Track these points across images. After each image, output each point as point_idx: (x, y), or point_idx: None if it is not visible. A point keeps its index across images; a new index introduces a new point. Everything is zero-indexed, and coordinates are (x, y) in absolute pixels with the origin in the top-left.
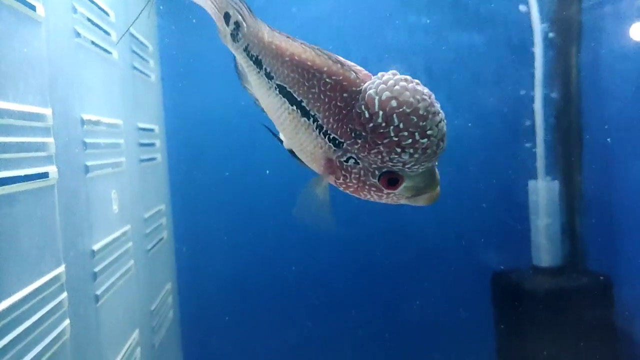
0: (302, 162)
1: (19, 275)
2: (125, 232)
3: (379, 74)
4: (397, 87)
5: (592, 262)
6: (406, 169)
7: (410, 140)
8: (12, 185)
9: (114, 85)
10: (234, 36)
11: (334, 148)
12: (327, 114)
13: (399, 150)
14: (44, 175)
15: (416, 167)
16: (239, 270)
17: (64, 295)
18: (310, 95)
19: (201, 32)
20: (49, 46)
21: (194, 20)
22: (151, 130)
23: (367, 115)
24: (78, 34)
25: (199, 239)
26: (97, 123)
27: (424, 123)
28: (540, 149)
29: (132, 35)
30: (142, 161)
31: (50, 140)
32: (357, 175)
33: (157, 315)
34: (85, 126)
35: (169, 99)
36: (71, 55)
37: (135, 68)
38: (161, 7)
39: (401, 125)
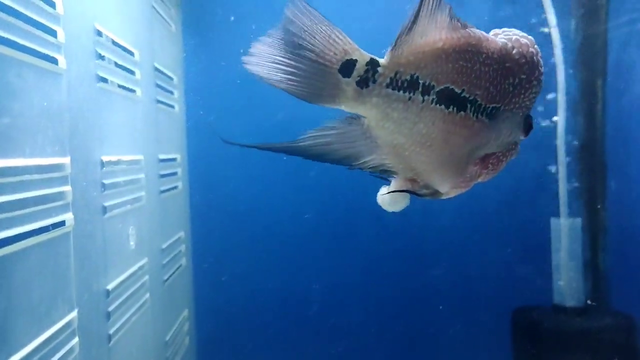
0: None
1: (30, 328)
2: (142, 266)
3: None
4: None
5: (617, 302)
6: (531, 106)
7: (539, 78)
8: (27, 240)
9: (137, 122)
10: (365, 81)
11: (488, 121)
12: (487, 84)
13: (540, 80)
14: (61, 224)
15: (532, 99)
16: (256, 295)
17: (76, 340)
18: (473, 76)
19: (227, 61)
20: (70, 95)
21: (219, 50)
22: (173, 159)
23: (523, 59)
24: (101, 79)
25: (217, 265)
26: (117, 163)
27: (535, 59)
28: (562, 185)
29: (157, 69)
30: (162, 192)
31: (67, 188)
32: (509, 132)
33: (172, 345)
34: (104, 168)
35: (192, 127)
36: (93, 100)
37: (159, 102)
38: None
39: (539, 55)
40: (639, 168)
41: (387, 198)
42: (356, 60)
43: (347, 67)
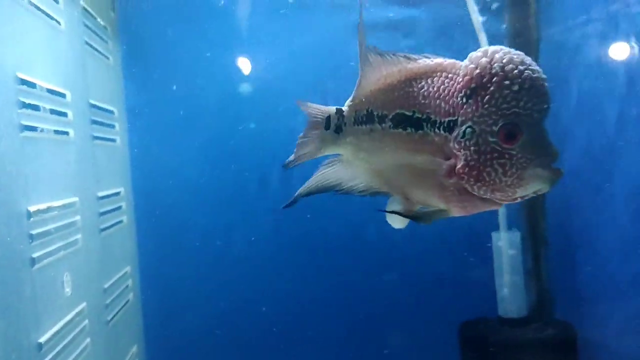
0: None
1: None
2: (81, 311)
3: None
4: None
5: (559, 312)
6: (522, 113)
7: (516, 72)
8: None
9: (70, 164)
10: (339, 126)
11: (448, 135)
12: (438, 102)
13: (507, 83)
14: None
15: (529, 105)
16: (208, 324)
17: None
18: (421, 98)
19: (169, 91)
20: None
21: (160, 79)
22: (116, 194)
23: (476, 68)
24: (26, 127)
25: (168, 296)
26: (46, 211)
27: (524, 61)
28: None
29: (94, 106)
30: (103, 230)
31: None
32: (476, 146)
33: None
34: (32, 218)
35: (137, 159)
36: (16, 151)
37: (96, 138)
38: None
39: (504, 60)
40: (576, 180)
41: (390, 216)
42: (329, 115)
43: (327, 122)
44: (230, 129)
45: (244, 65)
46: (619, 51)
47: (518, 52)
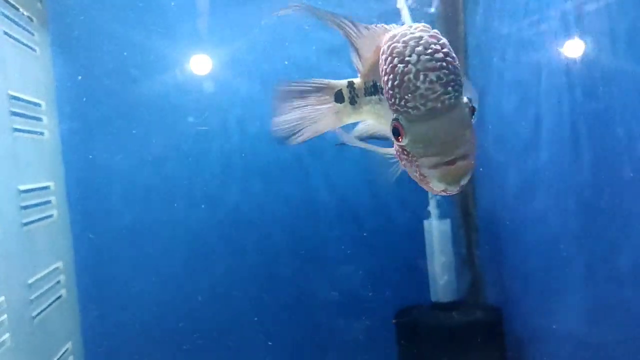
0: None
1: None
2: None
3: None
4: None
5: (490, 296)
6: (400, 110)
7: (390, 66)
8: None
9: None
10: (353, 98)
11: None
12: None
13: (385, 78)
14: None
15: (402, 103)
16: (147, 321)
17: None
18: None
19: (102, 83)
20: None
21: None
22: (44, 188)
23: (387, 51)
24: None
25: (106, 291)
26: None
27: (405, 49)
28: None
29: (14, 97)
30: (26, 224)
31: None
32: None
33: None
34: None
35: (70, 153)
36: None
37: (16, 130)
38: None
39: (388, 52)
40: (504, 168)
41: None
42: (341, 89)
43: (338, 96)
44: (168, 121)
45: (184, 55)
46: (549, 42)
47: (421, 34)
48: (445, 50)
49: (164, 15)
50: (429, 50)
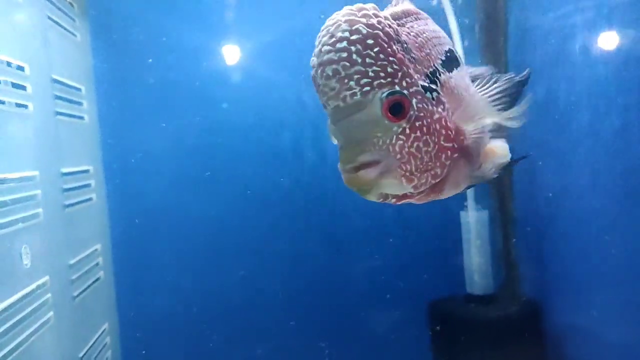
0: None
1: None
2: (42, 284)
3: None
4: None
5: (526, 289)
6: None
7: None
8: None
9: (28, 138)
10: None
11: None
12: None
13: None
14: None
15: (321, 97)
16: (182, 301)
17: None
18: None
19: (140, 70)
20: None
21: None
22: (85, 171)
23: None
24: None
25: (141, 274)
26: (2, 181)
27: (319, 37)
28: None
29: (56, 81)
30: (67, 206)
31: None
32: None
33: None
34: None
35: (108, 138)
36: None
37: (59, 114)
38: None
39: (320, 37)
40: (542, 160)
41: None
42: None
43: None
44: (203, 109)
45: (219, 44)
46: (593, 39)
47: (342, 17)
48: (354, 37)
49: (199, 4)
50: (332, 40)
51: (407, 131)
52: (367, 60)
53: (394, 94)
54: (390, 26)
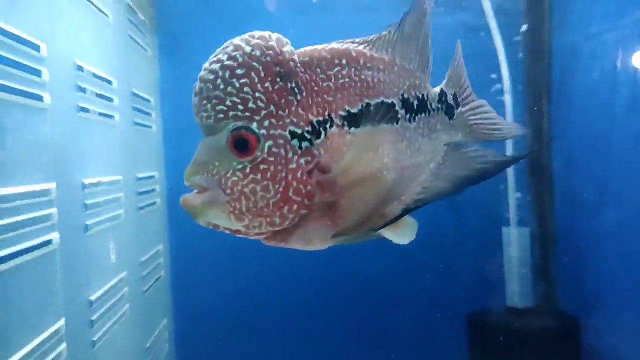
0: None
1: (24, 335)
2: (122, 279)
3: None
4: None
5: (565, 304)
6: None
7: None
8: (20, 258)
9: (115, 145)
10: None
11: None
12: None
13: None
14: (48, 242)
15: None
16: (233, 303)
17: (63, 346)
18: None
19: None
20: (54, 128)
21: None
22: (151, 177)
23: None
24: (82, 109)
25: (195, 275)
26: (97, 185)
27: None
28: (512, 197)
29: (134, 94)
30: (140, 209)
31: (54, 210)
32: None
33: (152, 352)
34: (86, 190)
35: (170, 146)
36: (74, 130)
37: (136, 124)
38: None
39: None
40: (583, 179)
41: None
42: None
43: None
44: None
45: None
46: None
47: (236, 42)
48: (228, 63)
49: (263, 23)
50: (214, 59)
51: (248, 171)
52: (229, 89)
53: (243, 129)
54: (279, 63)
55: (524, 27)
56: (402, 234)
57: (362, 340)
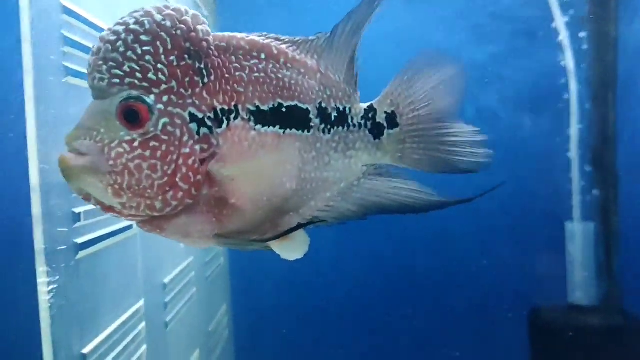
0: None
1: (111, 312)
2: (190, 264)
3: None
4: None
5: (629, 303)
6: None
7: None
8: (106, 241)
9: None
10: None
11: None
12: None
13: None
14: (130, 227)
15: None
16: (288, 291)
17: (143, 325)
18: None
19: None
20: None
21: None
22: None
23: None
24: None
25: (251, 263)
26: None
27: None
28: (576, 192)
29: None
30: None
31: None
32: None
33: (214, 336)
34: None
35: None
36: None
37: None
38: None
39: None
40: None
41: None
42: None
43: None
44: None
45: None
46: None
47: (147, 10)
48: (133, 27)
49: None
50: (120, 21)
51: (136, 144)
52: (129, 53)
53: (136, 99)
54: (190, 39)
55: (588, 17)
56: (291, 249)
57: (421, 337)
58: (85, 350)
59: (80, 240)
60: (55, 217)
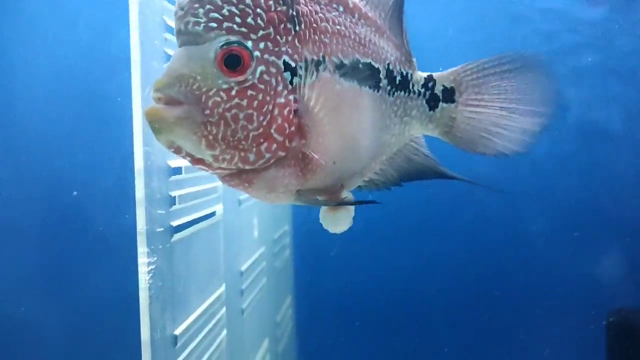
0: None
1: (199, 295)
2: (262, 253)
3: None
4: None
5: None
6: None
7: None
8: (196, 225)
9: None
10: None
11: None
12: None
13: None
14: (213, 213)
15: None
16: (350, 287)
17: (224, 310)
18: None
19: None
20: None
21: None
22: None
23: None
24: None
25: (314, 257)
26: None
27: None
28: None
29: None
30: None
31: (219, 183)
32: None
33: (281, 326)
34: None
35: None
36: None
37: None
38: None
39: None
40: None
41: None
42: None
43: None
44: None
45: None
46: None
47: None
48: None
49: None
50: None
51: (234, 93)
52: (229, 4)
53: (238, 45)
54: None
55: None
56: (338, 221)
57: (493, 339)
58: (177, 332)
59: (175, 223)
60: (154, 199)
